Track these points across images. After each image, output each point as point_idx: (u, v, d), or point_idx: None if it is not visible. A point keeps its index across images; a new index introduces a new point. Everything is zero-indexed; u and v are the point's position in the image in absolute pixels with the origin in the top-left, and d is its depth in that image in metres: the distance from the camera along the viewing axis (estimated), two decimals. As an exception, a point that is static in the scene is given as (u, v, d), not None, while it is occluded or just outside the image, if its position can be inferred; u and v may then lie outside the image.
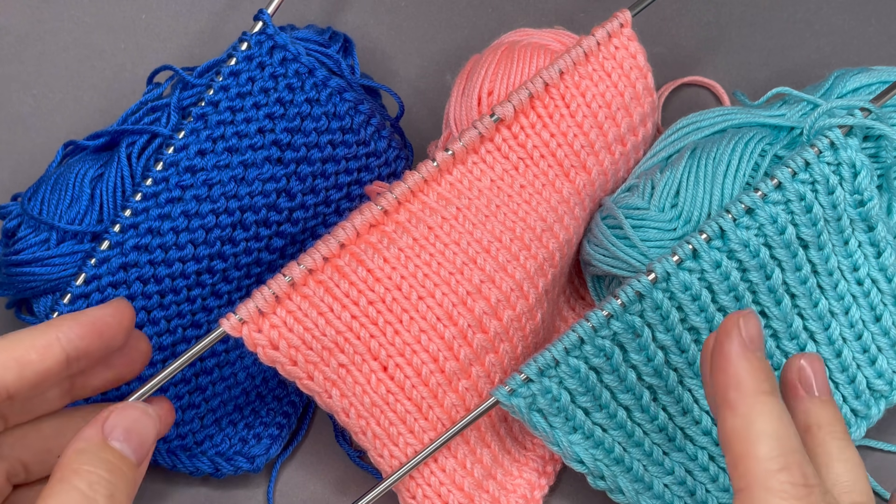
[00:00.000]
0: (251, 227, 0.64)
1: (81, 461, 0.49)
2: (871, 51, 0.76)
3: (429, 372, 0.59)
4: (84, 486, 0.48)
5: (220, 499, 0.67)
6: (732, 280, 0.58)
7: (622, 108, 0.64)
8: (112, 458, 0.50)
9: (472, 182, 0.62)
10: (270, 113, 0.64)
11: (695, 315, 0.58)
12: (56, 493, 0.48)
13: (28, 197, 0.63)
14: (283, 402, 0.67)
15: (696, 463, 0.61)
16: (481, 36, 0.75)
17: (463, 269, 0.59)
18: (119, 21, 0.77)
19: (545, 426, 0.59)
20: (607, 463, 0.60)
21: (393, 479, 0.59)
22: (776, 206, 0.58)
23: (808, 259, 0.60)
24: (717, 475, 0.61)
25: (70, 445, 0.50)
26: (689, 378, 0.60)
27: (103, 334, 0.53)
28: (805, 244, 0.59)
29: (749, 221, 0.58)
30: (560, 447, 0.59)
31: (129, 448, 0.51)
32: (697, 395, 0.60)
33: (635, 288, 0.57)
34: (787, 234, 0.58)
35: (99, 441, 0.51)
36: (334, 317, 0.58)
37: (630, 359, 0.59)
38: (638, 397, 0.60)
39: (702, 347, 0.55)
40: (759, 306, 0.60)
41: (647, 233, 0.61)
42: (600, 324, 0.58)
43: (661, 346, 0.59)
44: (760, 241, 0.58)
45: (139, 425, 0.52)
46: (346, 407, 0.59)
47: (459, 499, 0.61)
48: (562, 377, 0.58)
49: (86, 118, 0.75)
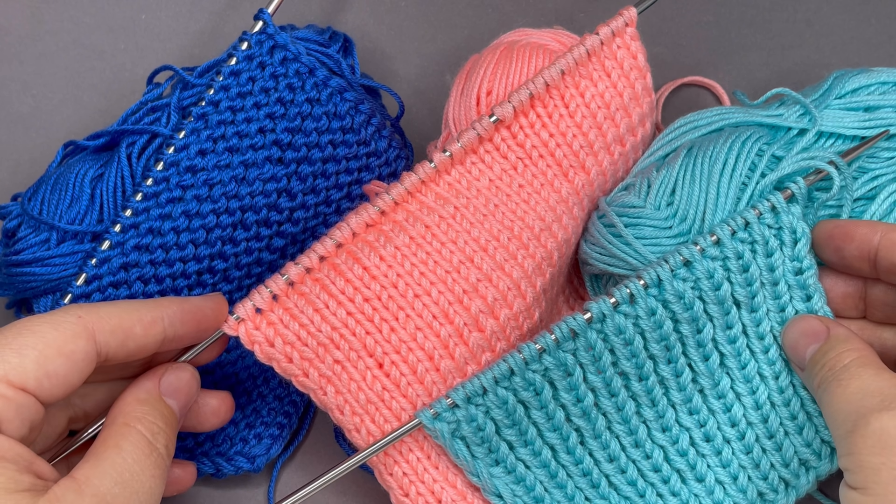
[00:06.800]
0: (252, 226, 0.64)
1: (144, 411, 0.53)
2: (871, 51, 0.76)
3: (424, 370, 0.59)
4: (147, 434, 0.52)
5: (220, 499, 0.67)
6: (665, 329, 0.58)
7: (621, 108, 0.64)
8: (166, 412, 0.55)
9: (470, 182, 0.62)
10: (271, 113, 0.64)
11: (626, 360, 0.58)
12: (124, 434, 0.52)
13: (28, 197, 0.63)
14: (283, 401, 0.67)
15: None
16: (481, 36, 0.75)
17: (459, 268, 0.59)
18: (119, 21, 0.77)
19: (467, 455, 0.58)
20: (526, 500, 0.59)
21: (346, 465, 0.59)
22: (714, 261, 0.58)
23: (740, 319, 0.59)
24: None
25: (130, 393, 0.55)
26: (618, 424, 0.59)
27: (201, 323, 0.57)
28: (739, 304, 0.59)
29: (686, 273, 0.58)
30: (480, 478, 0.59)
31: (177, 405, 0.56)
32: (625, 443, 0.60)
33: (570, 325, 0.57)
34: (721, 291, 0.58)
35: (157, 394, 0.55)
36: (330, 313, 0.58)
37: (560, 397, 0.58)
38: (564, 438, 0.59)
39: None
40: (688, 359, 0.59)
41: (644, 231, 0.61)
42: (532, 357, 0.57)
43: (591, 387, 0.58)
44: (696, 294, 0.58)
45: (188, 386, 0.57)
46: (340, 404, 0.59)
47: (452, 496, 0.61)
48: (489, 406, 0.58)
49: (86, 118, 0.75)
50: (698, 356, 0.59)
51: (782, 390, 0.60)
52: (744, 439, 0.60)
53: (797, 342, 0.58)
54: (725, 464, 0.60)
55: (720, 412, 0.60)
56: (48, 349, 0.50)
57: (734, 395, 0.60)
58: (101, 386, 0.58)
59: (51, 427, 0.56)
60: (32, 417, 0.50)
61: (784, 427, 0.60)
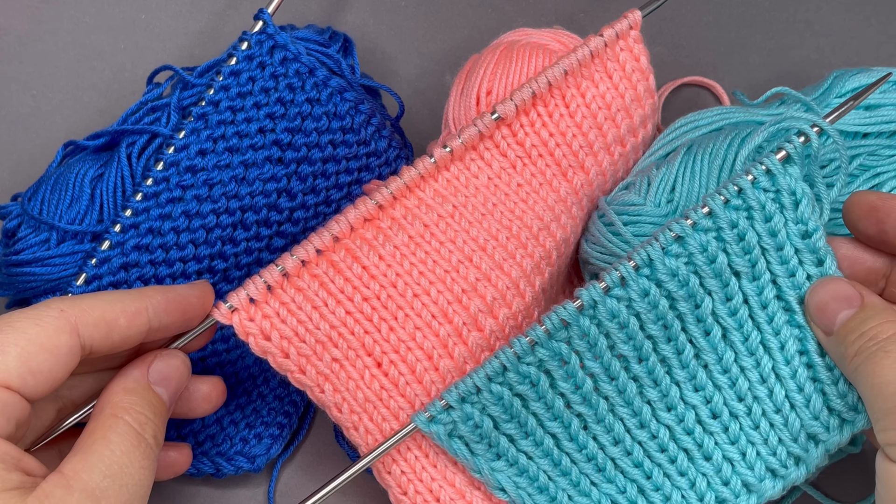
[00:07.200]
0: (252, 226, 0.64)
1: (132, 401, 0.53)
2: (871, 51, 0.76)
3: (423, 369, 0.59)
4: (135, 424, 0.52)
5: (220, 498, 0.67)
6: (661, 309, 0.57)
7: (622, 109, 0.64)
8: (155, 401, 0.54)
9: (468, 179, 0.61)
10: (271, 112, 0.64)
11: (623, 343, 0.57)
12: (111, 426, 0.51)
13: (28, 197, 0.63)
14: (284, 401, 0.67)
15: (625, 496, 0.59)
16: (481, 36, 0.75)
17: (458, 267, 0.59)
18: (119, 21, 0.77)
19: (466, 453, 0.58)
20: (530, 492, 0.59)
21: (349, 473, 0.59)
22: (707, 233, 0.56)
23: (740, 290, 0.57)
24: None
25: (117, 382, 0.54)
26: (621, 407, 0.58)
27: (186, 312, 0.56)
28: (738, 274, 0.57)
29: (678, 249, 0.56)
30: (482, 474, 0.59)
31: (167, 394, 0.55)
32: (630, 425, 0.59)
33: (560, 315, 0.56)
34: (717, 263, 0.56)
35: (146, 383, 0.54)
36: (328, 311, 0.58)
37: (557, 386, 0.58)
38: (566, 425, 0.58)
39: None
40: (688, 335, 0.58)
41: (644, 228, 0.61)
42: (524, 351, 0.56)
43: (589, 373, 0.57)
44: (690, 269, 0.56)
45: (178, 373, 0.56)
46: (338, 402, 0.59)
47: (451, 494, 0.61)
48: (484, 404, 0.57)
49: (86, 118, 0.75)
50: (699, 332, 0.57)
51: (788, 361, 0.58)
52: (751, 414, 0.58)
53: (826, 305, 0.55)
54: (733, 440, 0.59)
55: (726, 387, 0.58)
56: (31, 345, 0.50)
57: (738, 368, 0.58)
58: (88, 377, 0.58)
59: (39, 420, 0.56)
60: (18, 415, 0.50)
61: (790, 400, 0.58)
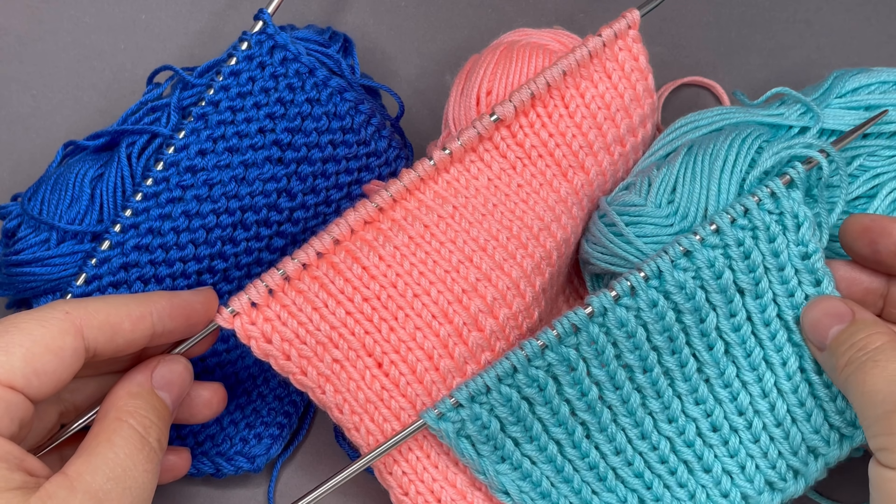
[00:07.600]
0: (252, 226, 0.64)
1: (136, 405, 0.53)
2: (871, 51, 0.76)
3: (423, 369, 0.59)
4: (140, 428, 0.52)
5: (220, 498, 0.67)
6: (667, 320, 0.58)
7: (621, 109, 0.64)
8: (159, 405, 0.54)
9: (468, 180, 0.62)
10: (271, 113, 0.64)
11: (629, 352, 0.58)
12: (115, 429, 0.51)
13: (28, 197, 0.63)
14: (284, 401, 0.67)
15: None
16: (481, 36, 0.75)
17: (458, 268, 0.59)
18: (119, 21, 0.77)
19: (472, 453, 0.58)
20: (533, 497, 0.59)
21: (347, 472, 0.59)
22: (714, 249, 0.58)
23: (744, 306, 0.59)
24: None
25: (121, 387, 0.54)
26: (624, 416, 0.59)
27: (190, 318, 0.56)
28: (742, 291, 0.59)
29: (687, 263, 0.57)
30: (486, 476, 0.59)
31: (170, 398, 0.55)
32: (631, 435, 0.59)
33: (571, 320, 0.57)
34: (723, 279, 0.58)
35: (150, 387, 0.55)
36: (329, 312, 0.58)
37: (564, 392, 0.58)
38: (570, 432, 0.59)
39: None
40: (692, 349, 0.59)
41: (644, 229, 0.61)
42: (534, 353, 0.57)
43: (595, 381, 0.58)
44: (697, 283, 0.58)
45: (181, 378, 0.56)
46: (339, 403, 0.59)
47: (452, 495, 0.61)
48: (493, 404, 0.58)
49: (86, 118, 0.75)
50: (702, 345, 0.59)
51: (790, 377, 0.59)
52: (751, 428, 0.59)
53: (819, 321, 0.57)
54: (733, 453, 0.59)
55: (727, 401, 0.59)
56: (35, 346, 0.50)
57: (740, 383, 0.59)
58: (91, 380, 0.58)
59: (41, 422, 0.56)
60: (21, 415, 0.50)
61: (792, 414, 0.59)
